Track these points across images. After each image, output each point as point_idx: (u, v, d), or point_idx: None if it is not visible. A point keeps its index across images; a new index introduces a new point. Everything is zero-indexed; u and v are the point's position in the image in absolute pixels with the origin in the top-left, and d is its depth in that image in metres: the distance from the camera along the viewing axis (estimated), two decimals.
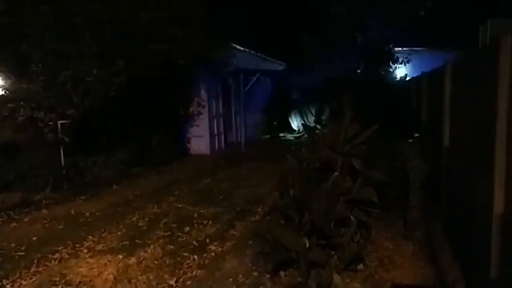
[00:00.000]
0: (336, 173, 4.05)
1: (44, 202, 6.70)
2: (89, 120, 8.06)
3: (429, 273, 3.95)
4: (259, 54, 13.74)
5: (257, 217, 5.77)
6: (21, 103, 7.10)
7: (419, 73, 12.59)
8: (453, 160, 4.83)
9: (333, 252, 3.77)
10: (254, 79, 12.91)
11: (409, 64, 12.69)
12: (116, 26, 7.92)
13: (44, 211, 6.30)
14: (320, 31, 11.29)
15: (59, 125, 7.46)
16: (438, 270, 3.96)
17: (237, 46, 13.25)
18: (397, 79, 12.46)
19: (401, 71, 13.28)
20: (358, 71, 10.72)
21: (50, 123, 7.31)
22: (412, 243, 4.58)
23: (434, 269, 4.02)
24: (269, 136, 14.86)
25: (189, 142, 11.69)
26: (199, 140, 11.67)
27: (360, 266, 3.97)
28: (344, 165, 4.08)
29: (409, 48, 13.24)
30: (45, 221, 5.78)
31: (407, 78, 12.29)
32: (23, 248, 4.80)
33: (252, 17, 15.66)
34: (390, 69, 11.86)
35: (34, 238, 5.11)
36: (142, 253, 4.56)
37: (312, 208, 3.65)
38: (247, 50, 13.65)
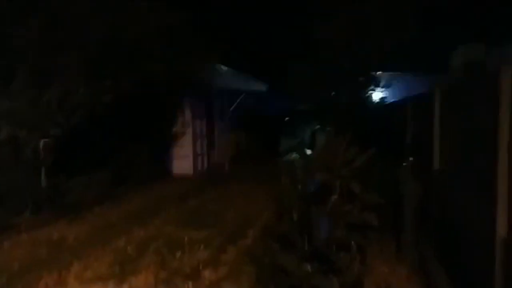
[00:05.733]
0: (335, 196, 4.04)
1: (24, 225, 6.39)
2: (72, 139, 7.83)
3: None
4: (243, 75, 13.83)
5: (249, 241, 5.67)
6: (3, 121, 6.83)
7: (396, 96, 13.02)
8: (443, 185, 4.92)
9: (334, 278, 3.72)
10: (239, 99, 12.96)
11: (389, 88, 13.07)
12: (103, 44, 7.83)
13: (25, 235, 5.98)
14: (305, 53, 11.52)
15: (41, 144, 7.20)
16: None
17: (222, 66, 13.32)
18: (377, 102, 12.78)
19: (378, 94, 13.64)
20: (343, 95, 10.96)
21: (32, 142, 7.05)
22: (406, 266, 4.60)
23: None
24: (254, 157, 14.81)
25: (172, 162, 11.52)
26: (183, 160, 11.53)
27: None
28: (342, 188, 4.08)
29: (390, 73, 13.67)
30: (26, 246, 5.49)
31: (387, 102, 12.63)
32: (4, 276, 4.52)
33: (237, 38, 15.83)
34: (372, 93, 12.19)
35: (16, 265, 4.83)
36: (133, 280, 4.37)
37: (313, 232, 3.61)
38: (232, 70, 13.73)
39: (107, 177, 8.75)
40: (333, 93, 10.81)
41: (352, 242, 3.90)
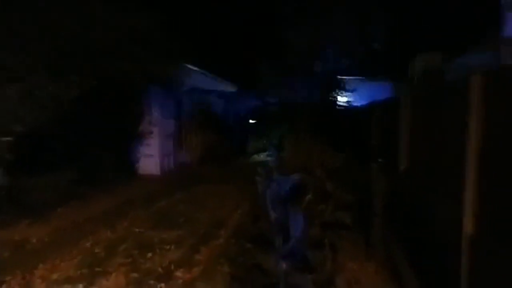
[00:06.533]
0: (309, 196, 4.14)
1: None
2: (34, 137, 7.49)
3: None
4: (212, 76, 13.78)
5: (221, 240, 5.65)
6: None
7: (361, 101, 13.44)
8: (409, 184, 5.15)
9: (309, 276, 3.81)
10: (208, 99, 12.89)
11: (354, 92, 13.49)
12: (70, 40, 7.56)
13: None
14: (274, 55, 11.66)
15: (0, 142, 6.84)
16: None
17: (190, 66, 13.20)
18: (344, 106, 13.14)
19: (343, 98, 14.04)
20: (311, 96, 11.19)
21: None
22: (374, 263, 4.77)
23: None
24: (222, 157, 14.78)
25: (138, 162, 11.26)
26: (150, 159, 11.29)
27: None
28: (317, 188, 4.18)
29: (355, 78, 14.10)
30: None
31: (353, 105, 13.00)
32: None
33: (206, 38, 15.75)
34: (339, 96, 12.52)
35: None
36: (104, 282, 4.24)
37: (290, 231, 3.68)
38: (200, 70, 13.64)
39: (71, 177, 8.41)
40: (301, 95, 11.01)
41: (326, 240, 4.01)
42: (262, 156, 14.91)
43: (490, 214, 2.72)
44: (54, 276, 4.38)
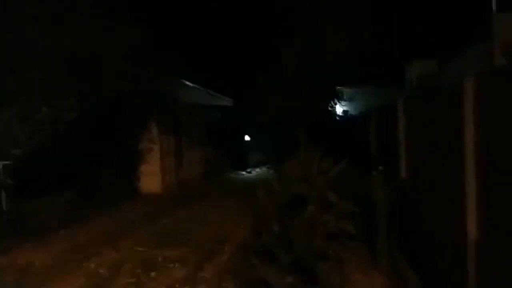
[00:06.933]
0: (311, 206, 4.12)
1: None
2: (34, 159, 7.50)
3: None
4: (209, 91, 13.88)
5: (225, 257, 5.61)
6: None
7: (358, 109, 13.48)
8: (410, 192, 5.14)
9: None
10: (206, 114, 12.94)
11: (351, 102, 13.58)
12: (64, 61, 7.64)
13: None
14: (270, 68, 11.76)
15: (0, 166, 6.84)
16: None
17: (187, 82, 13.31)
18: (341, 115, 13.22)
19: (341, 108, 14.13)
20: (309, 108, 11.25)
21: None
22: (380, 273, 4.73)
23: None
24: (223, 173, 14.78)
25: (139, 181, 11.23)
26: (151, 178, 11.26)
27: None
28: (319, 198, 4.17)
29: (351, 88, 14.22)
30: None
31: (350, 115, 13.07)
32: None
33: (201, 54, 15.89)
34: (336, 106, 12.59)
35: None
36: None
37: (294, 244, 3.66)
38: (197, 86, 13.75)
39: (72, 199, 8.39)
40: (299, 106, 11.08)
41: (330, 251, 3.99)
42: (263, 169, 14.90)
43: (493, 218, 2.71)
44: None
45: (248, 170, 14.82)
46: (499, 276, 2.58)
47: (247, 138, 15.27)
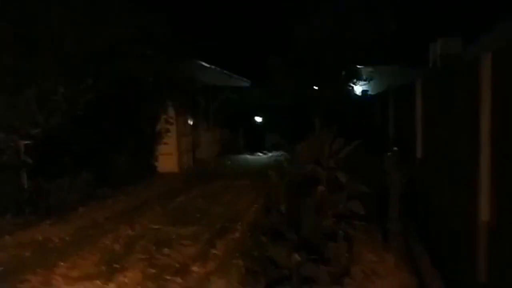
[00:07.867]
0: (322, 187, 4.08)
1: (6, 228, 6.23)
2: (52, 140, 7.66)
3: (413, 284, 4.03)
4: (225, 72, 13.76)
5: (237, 235, 5.67)
6: None
7: (377, 89, 13.11)
8: (426, 172, 5.03)
9: (323, 267, 3.76)
10: (223, 95, 12.91)
11: (371, 81, 13.25)
12: (80, 43, 7.69)
13: (8, 237, 5.83)
14: (286, 50, 11.56)
15: (21, 146, 7.03)
16: (421, 281, 4.05)
17: (203, 63, 13.22)
18: (360, 95, 12.94)
19: (360, 88, 13.81)
20: (326, 89, 11.05)
21: (12, 144, 6.87)
22: (393, 254, 4.68)
23: (416, 280, 4.11)
24: (239, 153, 14.81)
25: (157, 160, 11.40)
26: (168, 158, 11.41)
27: (347, 280, 4.00)
28: (329, 179, 4.12)
29: (371, 67, 13.85)
30: (10, 249, 5.36)
31: (369, 94, 12.77)
32: None
33: (217, 35, 15.76)
34: (354, 86, 12.33)
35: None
36: (121, 278, 4.32)
37: (302, 223, 3.64)
38: (214, 67, 13.67)
39: (91, 178, 8.58)
40: (316, 87, 10.89)
41: (340, 231, 3.95)
42: (279, 151, 14.84)
43: (506, 201, 2.61)
44: (74, 273, 4.48)
45: (264, 151, 14.79)
46: (510, 259, 2.50)
47: (259, 119, 15.18)
